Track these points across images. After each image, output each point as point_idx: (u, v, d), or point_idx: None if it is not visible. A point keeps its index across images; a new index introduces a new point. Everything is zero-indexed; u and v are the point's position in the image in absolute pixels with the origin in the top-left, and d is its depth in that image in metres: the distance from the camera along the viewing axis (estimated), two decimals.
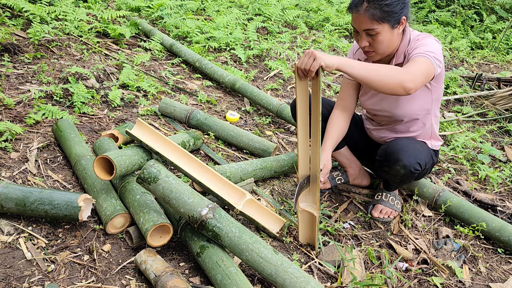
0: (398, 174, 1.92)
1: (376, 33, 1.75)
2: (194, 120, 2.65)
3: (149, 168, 1.62)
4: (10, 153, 2.08)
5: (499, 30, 6.35)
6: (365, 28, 1.75)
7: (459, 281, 1.84)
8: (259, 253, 1.52)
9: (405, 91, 1.63)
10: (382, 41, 1.77)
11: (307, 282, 1.44)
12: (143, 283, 1.57)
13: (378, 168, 2.03)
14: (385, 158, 1.93)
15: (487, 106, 3.75)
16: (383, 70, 1.63)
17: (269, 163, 2.27)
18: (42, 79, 2.76)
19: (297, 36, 4.80)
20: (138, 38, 3.91)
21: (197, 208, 1.57)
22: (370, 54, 1.85)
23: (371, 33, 1.75)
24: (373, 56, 1.86)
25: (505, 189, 2.58)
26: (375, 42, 1.78)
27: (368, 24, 1.73)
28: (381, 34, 1.75)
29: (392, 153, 1.90)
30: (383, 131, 2.12)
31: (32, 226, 1.72)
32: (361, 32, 1.78)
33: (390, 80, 1.61)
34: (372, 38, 1.77)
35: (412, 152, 1.89)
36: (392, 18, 1.73)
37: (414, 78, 1.63)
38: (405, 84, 1.61)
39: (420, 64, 1.69)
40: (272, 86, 3.51)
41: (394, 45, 1.84)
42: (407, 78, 1.62)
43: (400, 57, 1.87)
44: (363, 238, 2.03)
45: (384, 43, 1.79)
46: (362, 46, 1.81)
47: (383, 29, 1.74)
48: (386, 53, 1.84)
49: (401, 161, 1.87)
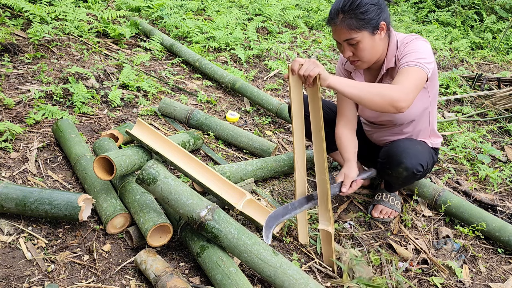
0: (400, 176, 1.92)
1: (357, 42, 1.75)
2: (194, 120, 2.65)
3: (148, 169, 1.62)
4: (10, 153, 2.08)
5: (499, 30, 6.35)
6: (345, 39, 1.76)
7: (459, 281, 1.84)
8: (258, 255, 1.51)
9: (396, 110, 1.64)
10: (364, 48, 1.77)
11: (306, 284, 1.44)
12: (143, 283, 1.57)
13: (380, 170, 2.02)
14: (387, 160, 1.93)
15: (487, 106, 3.75)
16: (374, 90, 1.63)
17: (269, 163, 2.27)
18: (42, 79, 2.76)
19: (297, 36, 4.80)
20: (138, 38, 3.91)
21: (196, 210, 1.57)
22: (356, 63, 1.84)
23: (352, 42, 1.76)
24: (360, 64, 1.85)
25: (505, 189, 2.58)
26: (357, 50, 1.78)
27: (347, 34, 1.74)
28: (362, 42, 1.75)
29: (394, 156, 1.90)
30: (382, 133, 2.12)
31: (32, 226, 1.72)
32: (343, 43, 1.79)
33: (382, 100, 1.62)
34: (354, 47, 1.78)
35: (414, 154, 1.89)
36: (369, 25, 1.73)
37: (406, 96, 1.63)
38: (396, 104, 1.62)
39: (411, 76, 1.69)
40: (272, 86, 3.51)
41: (378, 51, 1.83)
42: (399, 97, 1.62)
43: (390, 62, 1.86)
44: (363, 238, 2.03)
45: (367, 50, 1.78)
46: (346, 57, 1.82)
47: (363, 36, 1.74)
48: (372, 60, 1.84)
49: (403, 164, 1.87)
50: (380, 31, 1.78)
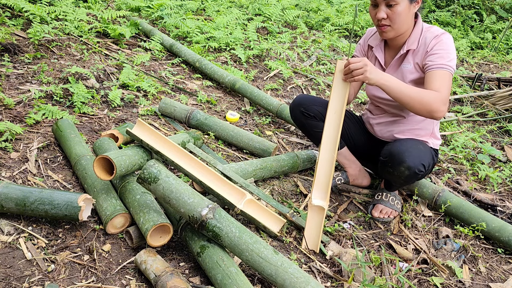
0: (402, 175, 1.93)
1: (396, 4, 1.81)
2: (194, 120, 2.65)
3: (149, 168, 1.62)
4: (10, 153, 2.08)
5: (499, 30, 6.35)
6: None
7: (459, 281, 1.84)
8: (259, 253, 1.52)
9: (432, 118, 1.77)
10: (400, 13, 1.82)
11: (307, 283, 1.44)
12: (143, 283, 1.57)
13: (381, 169, 2.03)
14: (389, 159, 1.93)
15: (487, 106, 3.75)
16: (415, 95, 1.74)
17: (269, 163, 2.27)
18: (42, 79, 2.76)
19: (297, 36, 4.80)
20: (138, 38, 3.91)
21: (197, 208, 1.57)
22: (385, 28, 1.88)
23: (391, 2, 1.81)
24: (388, 31, 1.89)
25: (505, 189, 2.58)
26: (393, 13, 1.83)
27: None
28: (400, 5, 1.81)
29: (396, 154, 1.90)
30: (387, 125, 2.13)
31: (32, 226, 1.72)
32: (380, 3, 1.83)
33: (421, 106, 1.75)
34: (391, 10, 1.83)
35: (417, 154, 1.90)
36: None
37: (444, 106, 1.75)
38: (434, 114, 1.75)
39: (447, 83, 1.79)
40: (272, 86, 3.51)
41: (408, 24, 1.89)
42: (437, 108, 1.74)
43: (413, 44, 1.92)
44: (363, 238, 2.03)
45: (402, 17, 1.84)
46: (380, 18, 1.85)
47: (403, 0, 1.81)
48: (400, 29, 1.88)
49: (405, 163, 1.88)
50: (416, 4, 1.86)
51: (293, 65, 4.08)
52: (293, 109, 2.23)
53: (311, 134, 2.22)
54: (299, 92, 3.60)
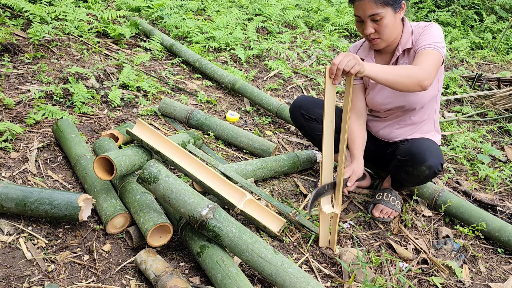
0: (422, 175, 1.93)
1: (381, 18, 1.82)
2: (194, 120, 2.65)
3: (149, 168, 1.62)
4: (10, 153, 2.08)
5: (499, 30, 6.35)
6: (370, 14, 1.81)
7: (459, 281, 1.84)
8: (259, 253, 1.52)
9: (422, 88, 1.77)
10: (387, 25, 1.84)
11: (307, 283, 1.44)
12: (143, 283, 1.57)
13: (397, 168, 2.01)
14: (410, 158, 1.93)
15: (487, 106, 3.75)
16: (403, 72, 1.75)
17: (269, 163, 2.27)
18: (42, 79, 2.76)
19: (297, 36, 4.80)
20: (138, 38, 3.91)
21: (197, 208, 1.57)
22: (376, 41, 1.90)
23: (376, 18, 1.82)
24: (379, 43, 1.91)
25: (505, 189, 2.58)
26: (380, 27, 1.84)
27: (373, 8, 1.80)
28: (385, 18, 1.82)
29: (417, 154, 1.90)
30: (391, 126, 2.12)
31: (32, 226, 1.72)
32: (366, 19, 1.84)
33: (410, 80, 1.74)
34: (377, 24, 1.84)
35: (436, 153, 1.92)
36: (394, 2, 1.82)
37: (429, 74, 1.76)
38: (422, 82, 1.75)
39: (431, 57, 1.80)
40: (272, 86, 3.51)
41: (398, 30, 1.91)
42: (423, 76, 1.74)
43: (407, 43, 1.93)
44: (363, 238, 2.03)
45: (389, 28, 1.85)
46: (368, 33, 1.87)
47: (387, 12, 1.82)
48: (390, 38, 1.90)
49: (427, 162, 1.88)
50: (401, 11, 1.87)
51: (293, 65, 4.08)
52: (294, 111, 2.22)
53: (312, 137, 2.21)
54: (299, 92, 3.60)
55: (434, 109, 2.09)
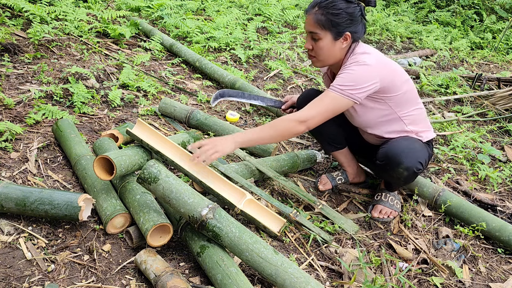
0: (401, 176, 1.94)
1: (318, 38, 1.84)
2: (194, 120, 2.65)
3: (149, 168, 1.62)
4: (10, 153, 2.08)
5: (499, 30, 6.35)
6: (310, 30, 1.85)
7: (459, 281, 1.84)
8: (259, 253, 1.52)
9: (302, 131, 1.81)
10: (322, 47, 1.86)
11: (307, 283, 1.44)
12: (143, 283, 1.57)
13: (379, 171, 2.04)
14: (386, 162, 1.94)
15: (487, 106, 3.75)
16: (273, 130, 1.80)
17: (269, 163, 2.27)
18: (42, 79, 2.76)
19: (297, 36, 4.80)
20: (138, 38, 3.91)
21: (197, 208, 1.57)
22: (312, 59, 1.94)
23: (315, 36, 1.85)
24: (314, 62, 1.95)
25: (505, 189, 2.58)
26: (317, 47, 1.87)
27: (313, 26, 1.83)
28: (322, 41, 1.84)
29: (393, 157, 1.91)
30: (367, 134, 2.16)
31: (32, 226, 1.72)
32: (308, 34, 1.88)
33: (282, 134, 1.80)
34: (315, 43, 1.87)
35: (412, 153, 1.91)
36: (334, 29, 1.81)
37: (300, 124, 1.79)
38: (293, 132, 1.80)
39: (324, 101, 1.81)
40: (272, 86, 3.51)
41: (335, 57, 1.90)
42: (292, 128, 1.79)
43: None
44: (363, 238, 2.03)
45: (324, 51, 1.86)
46: (306, 48, 1.91)
47: (325, 36, 1.83)
48: (326, 62, 1.92)
49: (403, 164, 1.89)
50: (343, 41, 1.85)
51: (293, 65, 4.08)
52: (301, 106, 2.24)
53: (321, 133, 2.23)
54: (299, 92, 3.60)
55: (400, 123, 2.00)
